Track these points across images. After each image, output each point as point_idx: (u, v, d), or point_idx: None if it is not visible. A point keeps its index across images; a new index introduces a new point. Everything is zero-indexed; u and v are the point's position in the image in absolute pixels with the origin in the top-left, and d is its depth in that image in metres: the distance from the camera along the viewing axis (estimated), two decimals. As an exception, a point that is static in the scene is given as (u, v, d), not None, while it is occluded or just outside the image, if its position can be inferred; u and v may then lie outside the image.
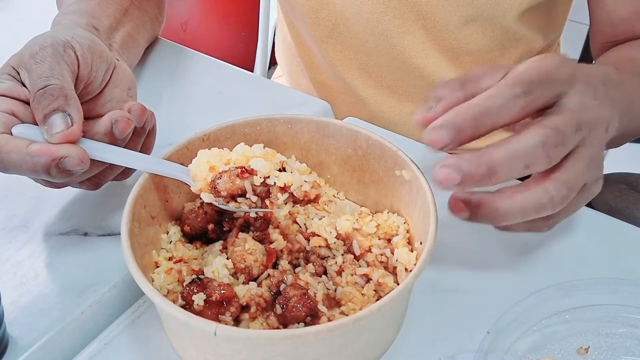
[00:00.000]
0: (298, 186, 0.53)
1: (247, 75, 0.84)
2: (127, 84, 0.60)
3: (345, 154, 0.59)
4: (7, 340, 0.50)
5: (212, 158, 0.52)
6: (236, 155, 0.53)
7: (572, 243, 0.61)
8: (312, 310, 0.48)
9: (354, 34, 0.83)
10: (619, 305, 0.53)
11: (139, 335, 0.53)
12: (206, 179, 0.52)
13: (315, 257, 0.54)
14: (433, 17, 0.78)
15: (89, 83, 0.56)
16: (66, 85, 0.51)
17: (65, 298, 0.54)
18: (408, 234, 0.55)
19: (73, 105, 0.50)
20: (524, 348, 0.51)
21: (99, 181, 0.57)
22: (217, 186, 0.51)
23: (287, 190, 0.52)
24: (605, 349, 0.51)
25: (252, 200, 0.52)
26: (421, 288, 0.55)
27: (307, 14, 0.83)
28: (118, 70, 0.59)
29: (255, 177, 0.52)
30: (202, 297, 0.48)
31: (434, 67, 0.83)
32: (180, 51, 0.86)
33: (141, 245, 0.51)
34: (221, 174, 0.52)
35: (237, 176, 0.51)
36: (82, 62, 0.54)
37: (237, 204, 0.52)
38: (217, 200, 0.52)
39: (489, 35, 0.81)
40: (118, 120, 0.52)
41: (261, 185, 0.52)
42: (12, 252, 0.57)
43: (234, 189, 0.51)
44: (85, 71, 0.54)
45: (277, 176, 0.52)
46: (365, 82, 0.87)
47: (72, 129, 0.50)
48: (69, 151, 0.49)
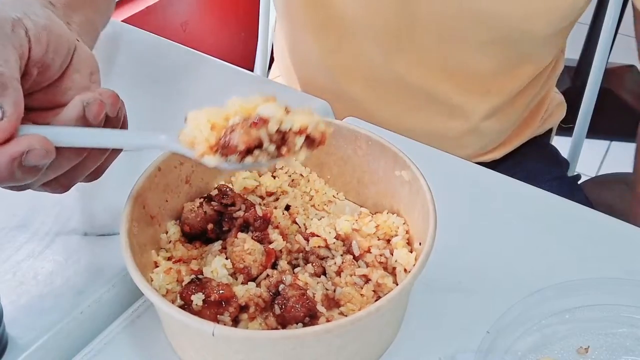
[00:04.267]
0: (315, 126, 0.46)
1: (247, 75, 0.84)
2: (89, 68, 0.51)
3: (345, 154, 0.59)
4: (7, 340, 0.50)
5: (211, 116, 0.46)
6: (234, 108, 0.46)
7: (572, 243, 0.61)
8: (311, 311, 0.48)
9: (361, 50, 0.83)
10: (619, 305, 0.53)
11: (138, 335, 0.53)
12: (209, 140, 0.45)
13: (314, 258, 0.53)
14: (452, 39, 0.78)
15: (45, 67, 0.47)
16: (7, 73, 0.42)
17: (65, 298, 0.54)
18: (407, 234, 0.55)
19: (10, 96, 0.42)
20: (524, 348, 0.51)
21: (68, 181, 0.48)
22: (231, 142, 0.44)
23: (303, 133, 0.46)
24: (605, 348, 0.51)
25: (269, 151, 0.45)
26: (421, 288, 0.55)
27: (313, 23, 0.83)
28: (79, 52, 0.50)
29: (270, 124, 0.45)
30: (200, 297, 0.48)
31: (438, 89, 0.84)
32: (180, 51, 0.86)
33: (140, 245, 0.51)
34: (233, 128, 0.45)
35: (251, 126, 0.45)
36: (35, 43, 0.45)
37: (252, 157, 0.45)
38: (229, 160, 0.45)
39: (502, 57, 0.81)
40: (90, 103, 0.45)
41: (276, 133, 0.45)
42: (11, 251, 0.57)
43: (251, 141, 0.44)
44: (40, 54, 0.46)
45: (292, 120, 0.45)
46: (367, 94, 0.88)
47: (2, 123, 0.41)
48: (30, 143, 0.41)
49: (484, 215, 0.63)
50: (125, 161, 0.67)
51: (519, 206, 0.64)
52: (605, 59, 1.04)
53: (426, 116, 0.88)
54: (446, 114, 0.88)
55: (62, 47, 0.48)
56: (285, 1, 0.87)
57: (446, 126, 0.89)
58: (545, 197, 0.66)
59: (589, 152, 1.21)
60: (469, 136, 0.91)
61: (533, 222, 0.63)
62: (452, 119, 0.89)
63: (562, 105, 1.03)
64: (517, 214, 0.63)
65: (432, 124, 0.89)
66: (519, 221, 0.63)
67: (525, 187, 0.67)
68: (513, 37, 0.77)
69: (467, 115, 0.88)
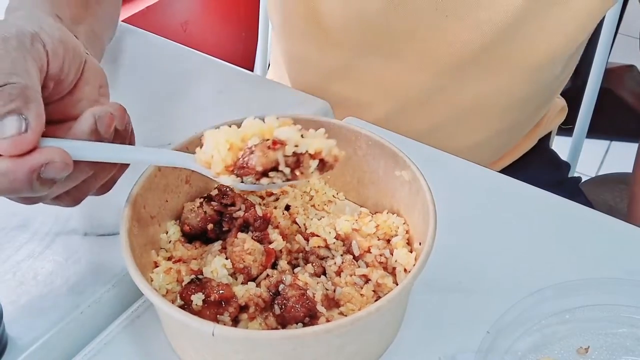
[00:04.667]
0: (329, 151, 0.47)
1: (247, 75, 0.84)
2: (98, 81, 0.52)
3: (345, 154, 0.59)
4: (6, 340, 0.50)
5: (230, 136, 0.46)
6: (251, 129, 0.47)
7: (572, 243, 0.61)
8: (311, 311, 0.48)
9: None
10: (619, 305, 0.53)
11: (138, 335, 0.52)
12: (225, 160, 0.46)
13: (314, 258, 0.53)
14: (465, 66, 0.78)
15: (60, 80, 0.48)
16: (30, 85, 0.43)
17: (64, 298, 0.54)
18: (407, 234, 0.55)
19: (33, 109, 0.42)
20: (524, 348, 0.51)
21: (80, 194, 0.49)
22: (249, 163, 0.45)
23: (318, 157, 0.47)
24: (605, 349, 0.51)
25: (285, 173, 0.46)
26: (421, 288, 0.55)
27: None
28: (89, 65, 0.51)
29: (287, 147, 0.46)
30: (200, 297, 0.48)
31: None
32: (180, 51, 0.86)
33: (140, 245, 0.51)
34: (252, 149, 0.46)
35: (269, 148, 0.45)
36: (53, 57, 0.46)
37: (268, 179, 0.46)
38: (245, 180, 0.46)
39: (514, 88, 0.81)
40: (102, 116, 0.46)
41: (292, 155, 0.46)
42: (11, 252, 0.57)
43: (268, 163, 0.45)
44: (57, 68, 0.47)
45: (307, 143, 0.46)
46: (370, 101, 0.87)
47: (26, 135, 0.42)
48: (50, 156, 0.42)
49: (484, 215, 0.63)
50: (125, 161, 0.67)
51: (519, 206, 0.64)
52: (605, 59, 1.04)
53: (430, 130, 0.87)
54: (450, 133, 0.88)
55: (76, 60, 0.49)
56: (284, 13, 0.86)
57: (446, 143, 0.89)
58: (545, 197, 0.66)
59: (589, 152, 1.21)
60: (468, 152, 0.90)
61: (533, 222, 0.63)
62: (455, 139, 0.88)
63: (564, 110, 1.02)
64: (517, 214, 0.63)
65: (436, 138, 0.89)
66: (519, 221, 0.63)
67: (526, 187, 0.67)
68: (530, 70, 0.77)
69: (472, 135, 0.88)
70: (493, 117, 0.85)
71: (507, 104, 0.83)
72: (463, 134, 0.87)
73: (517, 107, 0.84)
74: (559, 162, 1.04)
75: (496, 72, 0.78)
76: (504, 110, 0.84)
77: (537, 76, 0.80)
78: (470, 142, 0.88)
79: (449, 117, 0.84)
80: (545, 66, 0.78)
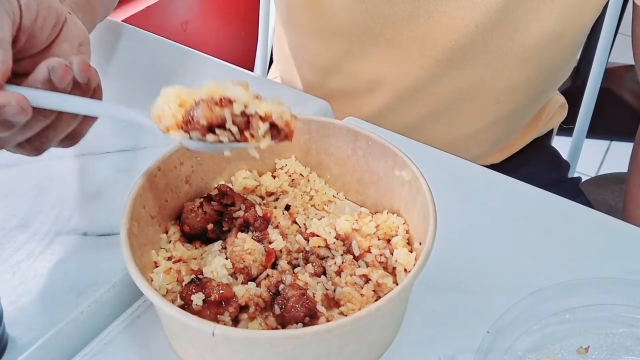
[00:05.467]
0: (279, 115, 0.47)
1: (247, 75, 0.84)
2: (77, 40, 0.53)
3: (345, 154, 0.59)
4: (6, 340, 0.50)
5: (182, 93, 0.47)
6: (206, 90, 0.47)
7: (572, 243, 0.61)
8: (311, 311, 0.48)
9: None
10: (619, 305, 0.53)
11: (138, 335, 0.53)
12: (175, 115, 0.46)
13: (314, 258, 0.53)
14: (465, 57, 0.79)
15: (33, 36, 0.50)
16: (0, 35, 0.45)
17: (65, 298, 0.54)
18: (407, 234, 0.55)
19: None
20: (524, 348, 0.51)
21: (41, 144, 0.50)
22: (193, 116, 0.46)
23: (267, 120, 0.47)
24: (605, 348, 0.51)
25: (232, 131, 0.46)
26: (421, 288, 0.55)
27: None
28: (69, 24, 0.53)
29: (235, 105, 0.46)
30: (200, 297, 0.48)
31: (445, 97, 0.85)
32: (180, 51, 0.86)
33: (140, 245, 0.51)
34: (198, 103, 0.46)
35: (216, 104, 0.46)
36: (26, 11, 0.48)
37: (214, 136, 0.46)
38: (192, 135, 0.46)
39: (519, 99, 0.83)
40: (55, 67, 0.47)
41: (240, 115, 0.46)
42: (11, 251, 0.57)
43: (213, 117, 0.46)
44: (29, 22, 0.49)
45: (257, 105, 0.46)
46: (376, 99, 0.88)
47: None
48: (7, 99, 0.44)
49: (484, 215, 0.63)
50: (125, 161, 0.67)
51: (519, 206, 0.64)
52: (605, 59, 1.04)
53: (430, 118, 0.88)
54: (450, 120, 0.88)
55: (51, 18, 0.51)
56: (289, 9, 0.86)
57: (447, 130, 0.89)
58: (545, 197, 0.66)
59: (589, 152, 1.21)
60: (468, 140, 0.90)
61: (533, 222, 0.63)
62: (455, 126, 0.89)
63: (564, 107, 1.02)
64: (518, 214, 0.63)
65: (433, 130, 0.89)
66: (519, 221, 0.63)
67: (526, 187, 0.67)
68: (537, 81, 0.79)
69: (471, 122, 0.88)
70: (491, 103, 0.85)
71: (504, 89, 0.84)
72: (462, 121, 0.88)
73: (514, 94, 0.85)
74: (559, 160, 1.04)
75: (492, 57, 0.79)
76: (501, 96, 0.85)
77: (532, 61, 0.80)
78: (470, 130, 0.89)
79: (448, 104, 0.85)
80: (539, 50, 0.79)
